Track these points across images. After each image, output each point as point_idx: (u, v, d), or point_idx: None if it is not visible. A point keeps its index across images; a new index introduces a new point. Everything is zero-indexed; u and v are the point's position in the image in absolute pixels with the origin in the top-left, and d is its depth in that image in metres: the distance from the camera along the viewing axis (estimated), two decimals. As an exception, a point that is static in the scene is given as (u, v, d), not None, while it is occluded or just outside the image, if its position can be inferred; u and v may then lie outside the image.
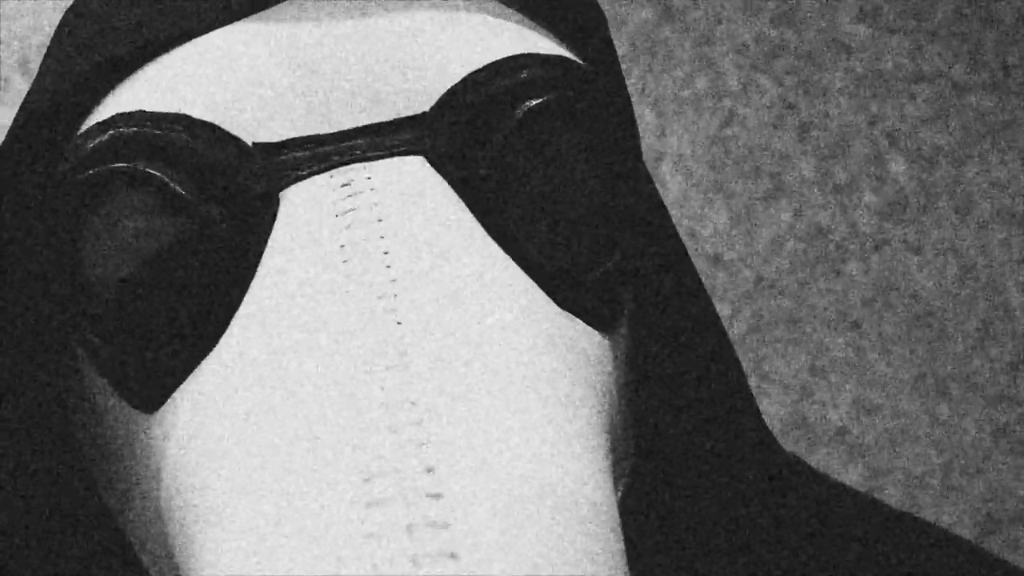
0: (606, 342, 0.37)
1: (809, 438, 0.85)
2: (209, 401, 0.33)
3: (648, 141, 0.88)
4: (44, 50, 0.78)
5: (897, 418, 0.86)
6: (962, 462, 0.87)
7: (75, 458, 0.42)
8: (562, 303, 0.36)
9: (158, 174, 0.35)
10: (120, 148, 0.35)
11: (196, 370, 0.35)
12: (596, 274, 0.36)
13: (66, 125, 0.39)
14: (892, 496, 0.85)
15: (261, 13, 0.37)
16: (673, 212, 0.87)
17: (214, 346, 0.35)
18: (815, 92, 0.86)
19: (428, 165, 0.36)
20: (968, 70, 0.86)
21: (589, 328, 0.36)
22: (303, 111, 0.36)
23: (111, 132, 0.35)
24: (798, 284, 0.86)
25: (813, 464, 0.78)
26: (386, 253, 0.33)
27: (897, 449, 0.86)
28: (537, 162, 0.36)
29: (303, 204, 0.35)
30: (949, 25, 0.86)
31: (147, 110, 0.36)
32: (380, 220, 0.34)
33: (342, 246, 0.33)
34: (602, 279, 0.37)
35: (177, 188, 0.35)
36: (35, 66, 0.80)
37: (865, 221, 0.86)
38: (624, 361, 0.38)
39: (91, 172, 0.35)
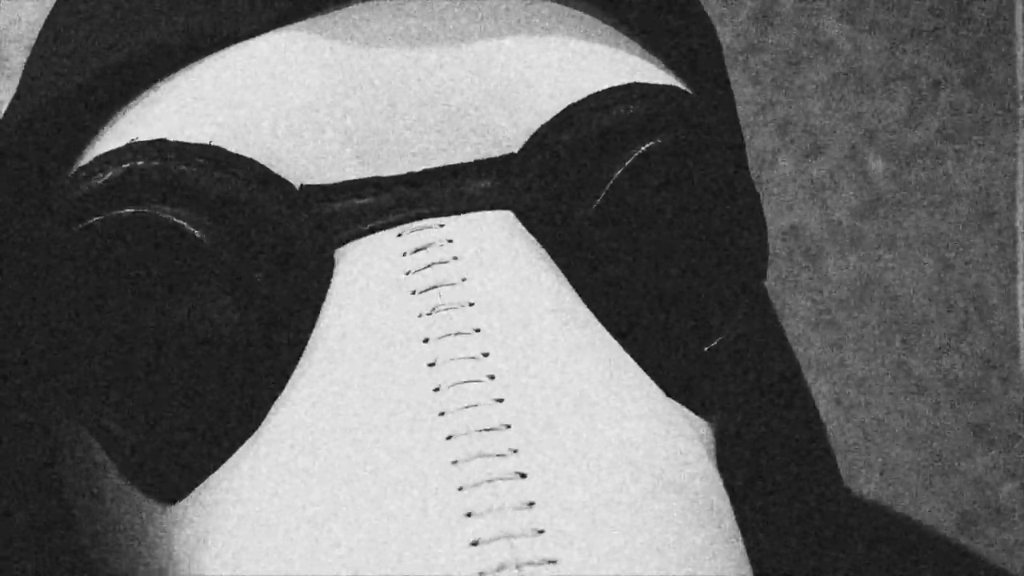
0: (707, 430, 0.30)
1: (787, 435, 0.85)
2: (243, 496, 0.26)
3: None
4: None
5: (874, 415, 0.86)
6: (939, 459, 0.87)
7: (73, 544, 0.34)
8: (665, 386, 0.29)
9: (184, 224, 0.27)
10: (135, 188, 0.27)
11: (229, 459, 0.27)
12: (702, 351, 0.30)
13: (57, 152, 0.30)
14: (870, 493, 0.85)
15: (311, 20, 0.29)
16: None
17: (252, 433, 0.27)
18: (793, 90, 0.86)
19: (517, 222, 0.28)
20: (946, 68, 0.86)
21: (691, 414, 0.30)
22: (361, 147, 0.28)
23: (125, 166, 0.27)
24: (776, 281, 0.86)
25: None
26: (486, 355, 0.25)
27: (874, 446, 0.86)
28: (646, 218, 0.29)
29: (366, 271, 0.27)
30: (926, 23, 0.86)
31: (170, 139, 0.28)
32: (472, 304, 0.26)
33: (425, 340, 0.25)
34: (708, 357, 0.30)
35: (208, 243, 0.27)
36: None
37: (843, 218, 0.86)
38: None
39: (98, 219, 0.27)
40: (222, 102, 0.28)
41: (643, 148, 0.29)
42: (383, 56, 0.28)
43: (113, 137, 0.29)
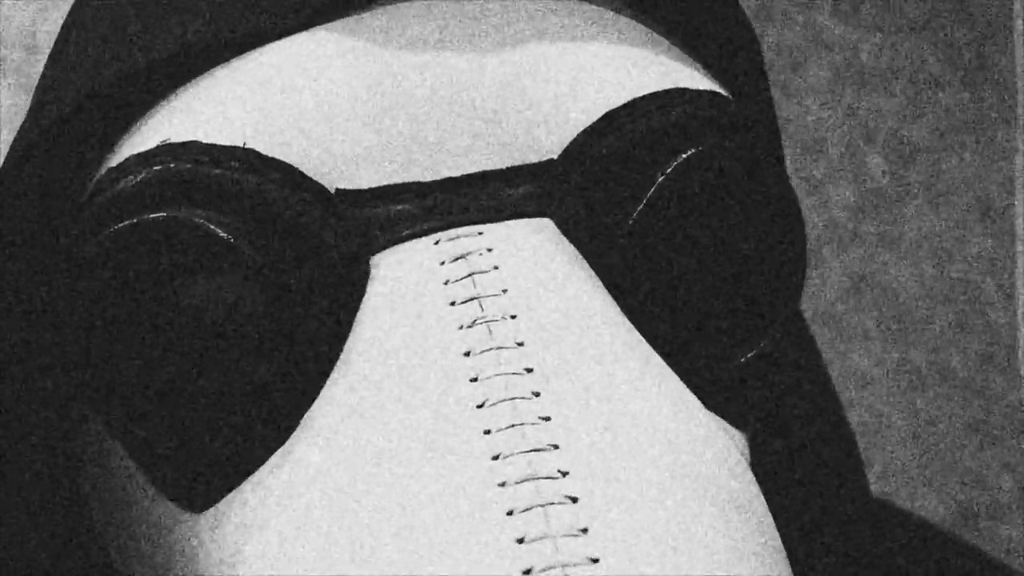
0: (742, 442, 0.29)
1: (787, 432, 0.85)
2: (279, 505, 0.25)
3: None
4: (55, 33, 0.76)
5: (872, 411, 0.87)
6: (937, 455, 0.87)
7: (97, 554, 0.33)
8: (700, 397, 0.28)
9: (216, 228, 0.26)
10: (167, 190, 0.26)
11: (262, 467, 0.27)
12: (738, 363, 0.29)
13: (85, 153, 0.30)
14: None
15: (346, 20, 0.28)
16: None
17: (283, 441, 0.26)
18: (792, 88, 0.86)
19: (556, 230, 0.27)
20: (944, 65, 0.86)
21: (728, 426, 0.29)
22: (397, 151, 0.27)
23: (156, 168, 0.26)
24: (775, 279, 0.86)
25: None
26: (530, 371, 0.24)
27: (873, 442, 0.87)
28: (685, 227, 0.28)
29: (403, 279, 0.26)
30: (925, 21, 0.86)
31: (202, 141, 0.27)
32: (514, 317, 0.25)
33: (466, 354, 0.24)
34: (743, 369, 0.29)
35: (242, 247, 0.26)
36: (44, 51, 0.78)
37: (842, 216, 0.86)
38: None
39: (129, 222, 0.26)
40: (255, 104, 0.27)
41: (684, 156, 0.28)
42: (419, 58, 0.27)
43: (144, 138, 0.28)
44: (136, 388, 0.27)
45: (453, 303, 0.26)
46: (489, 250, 0.26)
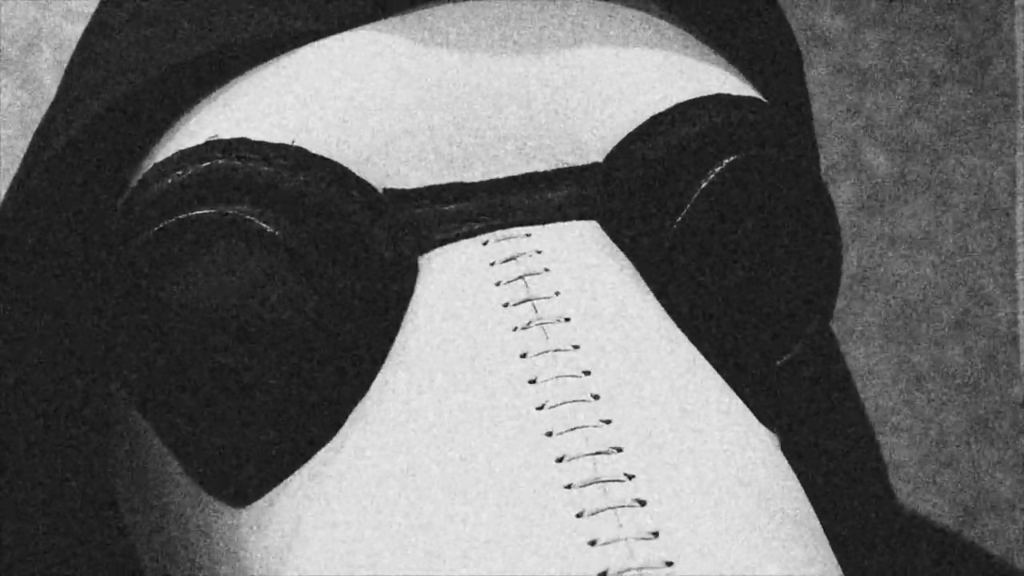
0: (777, 443, 0.29)
1: (787, 429, 0.85)
2: (331, 500, 0.25)
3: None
4: (55, 31, 0.76)
5: (874, 409, 0.87)
6: (939, 453, 0.87)
7: (125, 556, 0.33)
8: (744, 398, 0.28)
9: (265, 225, 0.26)
10: (215, 187, 0.26)
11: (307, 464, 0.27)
12: (774, 366, 0.29)
13: (128, 146, 0.30)
14: (870, 487, 0.86)
15: (393, 20, 0.28)
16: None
17: (330, 437, 0.27)
18: (793, 84, 0.86)
19: (603, 234, 0.27)
20: (946, 63, 0.86)
21: (767, 430, 0.29)
22: (443, 152, 0.27)
23: (204, 164, 0.27)
24: (776, 276, 0.86)
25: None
26: (587, 373, 0.24)
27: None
28: (726, 231, 0.29)
29: (453, 279, 0.26)
30: (927, 18, 0.86)
31: (251, 138, 0.27)
32: (567, 319, 0.25)
33: (523, 356, 0.24)
34: (779, 372, 0.29)
35: (290, 244, 0.26)
36: (45, 49, 0.78)
37: (843, 212, 0.86)
38: None
39: (177, 218, 0.27)
40: (303, 102, 0.27)
41: (726, 162, 0.29)
42: (463, 60, 0.28)
43: (191, 134, 0.28)
44: (181, 382, 0.27)
45: (506, 304, 0.26)
46: (539, 252, 0.26)
